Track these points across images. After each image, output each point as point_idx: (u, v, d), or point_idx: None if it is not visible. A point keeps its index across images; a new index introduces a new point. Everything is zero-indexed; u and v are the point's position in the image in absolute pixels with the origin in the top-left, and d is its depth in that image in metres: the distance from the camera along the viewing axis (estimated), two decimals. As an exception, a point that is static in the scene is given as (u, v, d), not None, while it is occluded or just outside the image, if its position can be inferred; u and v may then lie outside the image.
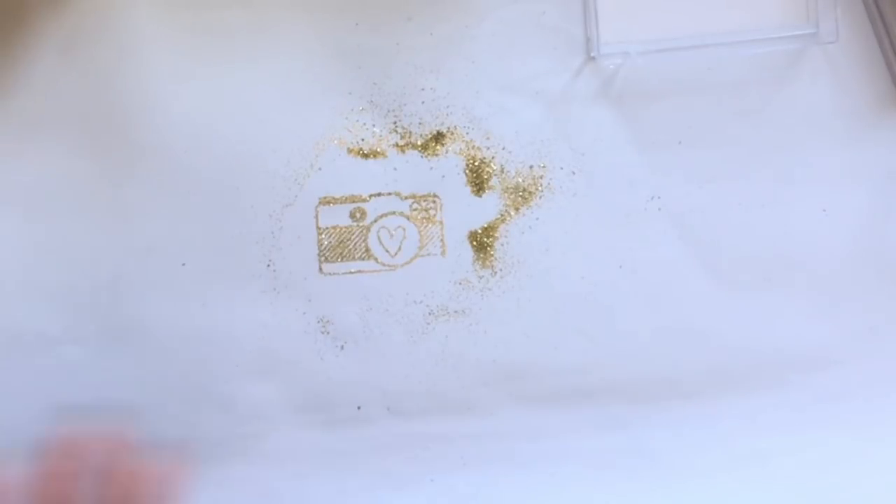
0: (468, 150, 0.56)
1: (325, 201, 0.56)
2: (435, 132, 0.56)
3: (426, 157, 0.56)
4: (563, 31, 0.55)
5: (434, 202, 0.56)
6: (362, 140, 0.55)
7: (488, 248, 0.56)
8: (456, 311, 0.56)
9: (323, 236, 0.56)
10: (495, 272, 0.55)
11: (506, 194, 0.56)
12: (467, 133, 0.56)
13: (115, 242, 0.55)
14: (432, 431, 0.57)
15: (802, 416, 0.55)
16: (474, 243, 0.56)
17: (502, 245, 0.56)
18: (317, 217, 0.56)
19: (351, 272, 0.56)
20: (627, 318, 0.55)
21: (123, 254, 0.56)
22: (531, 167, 0.56)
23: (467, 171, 0.56)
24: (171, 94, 0.54)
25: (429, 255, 0.56)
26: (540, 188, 0.56)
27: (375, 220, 0.56)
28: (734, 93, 0.55)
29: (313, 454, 0.57)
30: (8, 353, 0.56)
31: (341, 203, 0.56)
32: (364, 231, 0.56)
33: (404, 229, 0.56)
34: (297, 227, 0.56)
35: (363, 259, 0.56)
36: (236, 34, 0.54)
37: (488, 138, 0.56)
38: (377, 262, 0.56)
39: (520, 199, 0.56)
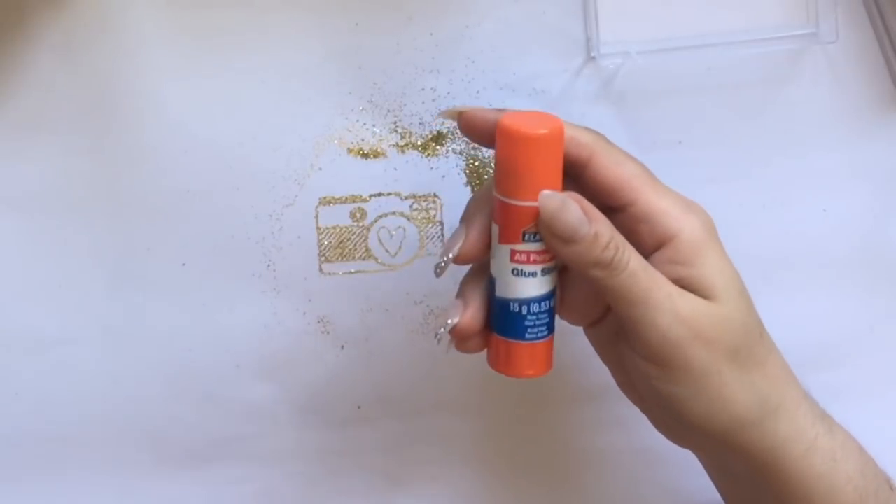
0: (468, 150, 0.56)
1: (325, 201, 0.56)
2: (435, 132, 0.56)
3: (426, 157, 0.56)
4: (563, 31, 0.55)
5: (434, 202, 0.56)
6: (362, 140, 0.55)
7: (488, 248, 0.56)
8: (456, 311, 0.56)
9: (323, 236, 0.56)
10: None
11: (506, 194, 0.56)
12: (467, 133, 0.56)
13: (115, 242, 0.55)
14: (432, 431, 0.57)
15: (802, 416, 0.55)
16: (474, 243, 0.56)
17: (502, 245, 0.56)
18: (317, 217, 0.56)
19: (351, 272, 0.56)
20: (627, 318, 0.55)
21: (123, 254, 0.55)
22: (531, 167, 0.56)
23: (467, 171, 0.56)
24: (170, 93, 0.54)
25: (429, 255, 0.56)
26: (540, 188, 0.56)
27: (375, 220, 0.56)
28: (734, 93, 0.55)
29: (313, 454, 0.57)
30: (8, 353, 0.56)
31: (341, 203, 0.56)
32: (364, 231, 0.56)
33: (404, 229, 0.56)
34: (297, 227, 0.55)
35: (363, 259, 0.56)
36: (236, 34, 0.54)
37: (488, 138, 0.56)
38: (377, 262, 0.56)
39: (520, 199, 0.56)
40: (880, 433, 0.50)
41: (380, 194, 0.56)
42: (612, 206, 0.45)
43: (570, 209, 0.42)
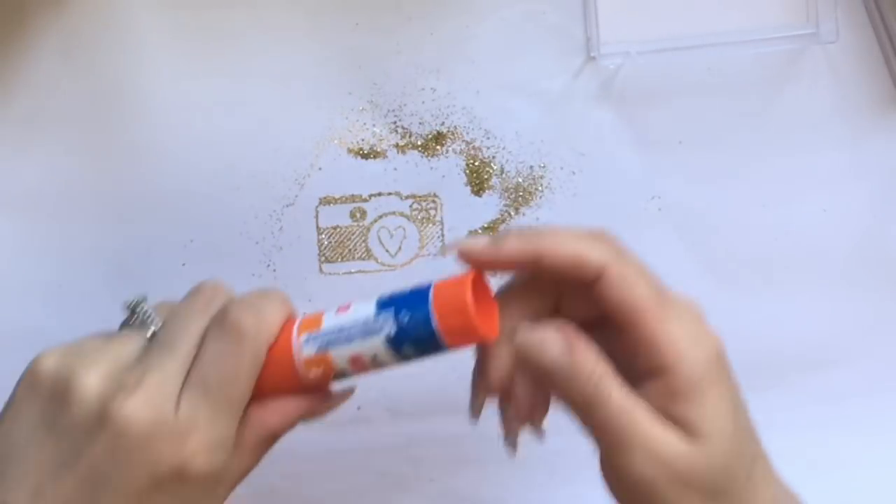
0: (468, 150, 0.56)
1: (325, 201, 0.56)
2: (435, 132, 0.56)
3: (426, 157, 0.56)
4: (563, 31, 0.55)
5: (434, 202, 0.56)
6: (362, 140, 0.55)
7: (488, 248, 0.56)
8: (456, 311, 0.56)
9: (323, 236, 0.56)
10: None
11: (506, 194, 0.56)
12: (467, 133, 0.56)
13: (115, 242, 0.55)
14: (432, 431, 0.57)
15: (802, 416, 0.55)
16: (474, 243, 0.56)
17: (502, 245, 0.56)
18: (317, 217, 0.56)
19: (351, 272, 0.56)
20: (627, 318, 0.55)
21: (123, 254, 0.56)
22: (531, 167, 0.56)
23: (467, 171, 0.56)
24: (170, 93, 0.54)
25: (429, 255, 0.56)
26: (540, 188, 0.56)
27: (375, 220, 0.56)
28: (734, 93, 0.55)
29: (313, 454, 0.57)
30: (8, 353, 0.56)
31: (341, 203, 0.56)
32: (364, 231, 0.56)
33: (404, 229, 0.56)
34: (297, 227, 0.56)
35: (363, 259, 0.56)
36: (236, 34, 0.54)
37: (488, 138, 0.56)
38: (377, 262, 0.56)
39: (520, 199, 0.56)
40: (880, 433, 0.50)
41: (380, 194, 0.56)
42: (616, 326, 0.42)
43: (550, 344, 0.41)
